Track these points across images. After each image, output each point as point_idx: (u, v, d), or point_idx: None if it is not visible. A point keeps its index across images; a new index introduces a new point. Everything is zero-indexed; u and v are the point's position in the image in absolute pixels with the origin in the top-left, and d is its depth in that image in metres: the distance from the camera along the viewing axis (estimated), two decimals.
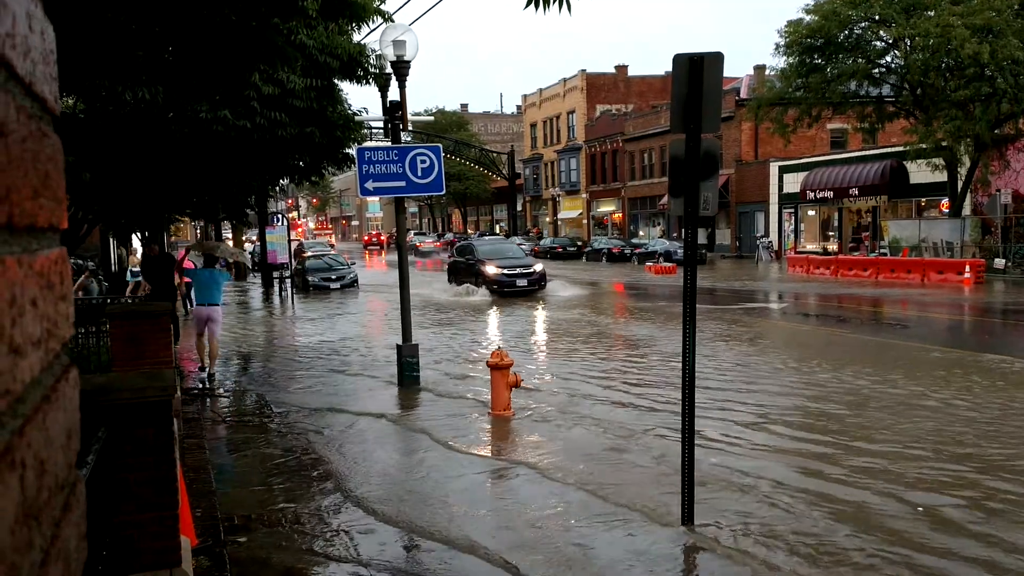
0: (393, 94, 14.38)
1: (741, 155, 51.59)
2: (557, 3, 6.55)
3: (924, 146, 32.20)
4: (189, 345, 17.64)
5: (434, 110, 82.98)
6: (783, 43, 35.43)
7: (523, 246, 40.67)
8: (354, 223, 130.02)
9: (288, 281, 31.69)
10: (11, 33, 0.52)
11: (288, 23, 9.16)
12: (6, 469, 0.47)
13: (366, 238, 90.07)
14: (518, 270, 29.08)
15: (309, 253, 41.48)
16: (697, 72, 6.58)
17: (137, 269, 26.22)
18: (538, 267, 29.96)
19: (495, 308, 25.26)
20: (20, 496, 0.48)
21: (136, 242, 33.26)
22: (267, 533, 7.12)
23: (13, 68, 0.52)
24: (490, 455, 9.49)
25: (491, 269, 28.84)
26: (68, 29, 6.41)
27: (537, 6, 6.56)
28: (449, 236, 79.86)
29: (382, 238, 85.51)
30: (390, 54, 13.23)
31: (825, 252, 41.99)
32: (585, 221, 69.84)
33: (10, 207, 0.51)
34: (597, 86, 69.96)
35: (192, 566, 5.74)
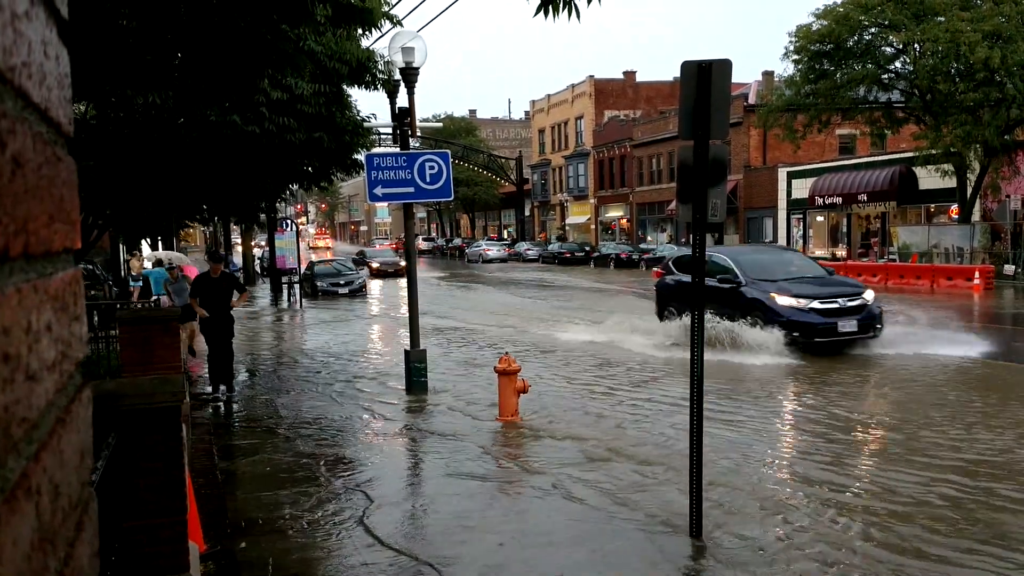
0: (402, 100, 14.43)
1: (750, 160, 51.49)
2: (567, 10, 6.57)
3: (933, 152, 32.09)
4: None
5: (442, 116, 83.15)
6: (792, 48, 35.38)
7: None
8: (363, 228, 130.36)
9: (296, 286, 31.78)
10: (27, 62, 0.53)
11: (297, 29, 9.19)
12: (23, 497, 0.47)
13: (377, 247, 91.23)
14: (838, 303, 15.86)
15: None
16: (705, 79, 6.59)
17: (137, 274, 25.89)
18: (868, 295, 16.39)
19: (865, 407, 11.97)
20: (36, 523, 0.49)
21: (146, 248, 33.34)
22: (275, 538, 7.12)
23: (29, 97, 0.53)
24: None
25: (785, 301, 15.87)
26: (79, 37, 6.44)
27: (547, 13, 6.57)
28: (457, 241, 79.87)
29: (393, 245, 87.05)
30: (399, 61, 13.27)
31: (834, 258, 41.87)
32: (593, 226, 69.82)
33: (27, 236, 0.51)
34: (605, 92, 69.96)
35: (200, 571, 5.75)
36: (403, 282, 38.77)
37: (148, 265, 25.99)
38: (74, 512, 0.60)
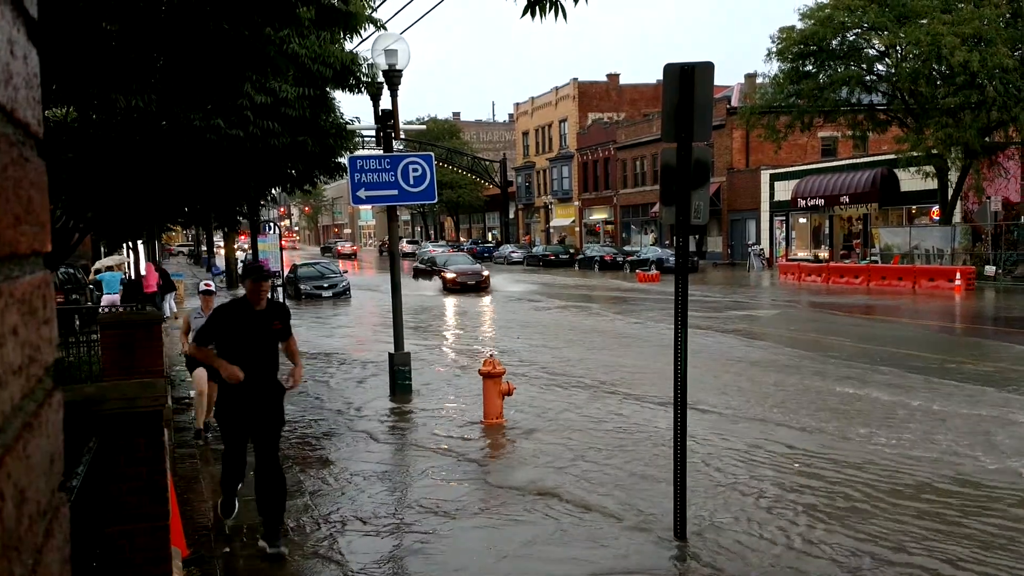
0: (385, 103, 14.40)
1: (732, 163, 51.68)
2: (553, 11, 6.58)
3: (915, 154, 32.34)
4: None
5: (426, 118, 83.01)
6: (776, 49, 35.52)
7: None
8: (346, 231, 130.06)
9: (280, 290, 31.63)
10: None
11: (280, 32, 9.16)
12: None
13: (339, 248, 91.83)
14: None
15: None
16: (688, 82, 6.60)
17: (91, 278, 24.59)
18: None
19: None
20: None
21: (124, 250, 33.08)
22: (258, 542, 7.07)
23: None
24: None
25: None
26: (60, 40, 6.40)
27: (534, 14, 6.58)
28: (443, 244, 79.61)
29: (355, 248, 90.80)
30: (382, 63, 13.24)
31: (816, 260, 42.09)
32: (577, 229, 69.89)
33: None
34: (589, 94, 70.05)
35: None
36: (485, 299, 31.07)
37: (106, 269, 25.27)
38: (43, 518, 0.59)
